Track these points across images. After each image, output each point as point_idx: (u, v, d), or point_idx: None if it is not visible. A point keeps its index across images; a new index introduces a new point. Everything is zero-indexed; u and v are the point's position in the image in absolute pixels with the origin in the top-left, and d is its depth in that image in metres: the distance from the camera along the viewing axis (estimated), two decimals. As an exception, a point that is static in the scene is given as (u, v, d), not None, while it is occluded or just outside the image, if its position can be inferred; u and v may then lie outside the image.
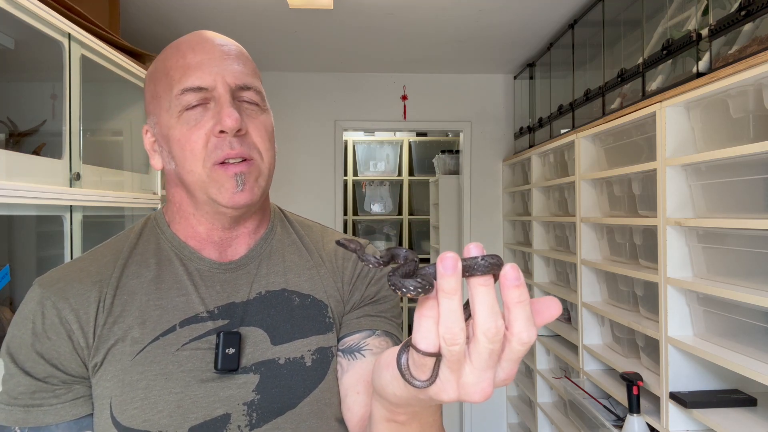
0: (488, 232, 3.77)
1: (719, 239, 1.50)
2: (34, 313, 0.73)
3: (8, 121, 1.64)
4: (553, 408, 2.83)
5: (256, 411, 0.74)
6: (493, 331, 0.42)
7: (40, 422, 0.71)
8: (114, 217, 2.02)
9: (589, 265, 2.25)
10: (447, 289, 0.42)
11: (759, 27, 1.34)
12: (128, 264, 0.78)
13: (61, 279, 0.76)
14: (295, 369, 0.77)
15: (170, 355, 0.74)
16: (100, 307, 0.74)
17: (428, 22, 2.77)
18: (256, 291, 0.80)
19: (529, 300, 0.43)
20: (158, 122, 0.78)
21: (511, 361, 0.44)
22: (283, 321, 0.79)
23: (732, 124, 1.45)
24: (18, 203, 1.30)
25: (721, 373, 1.61)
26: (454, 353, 0.43)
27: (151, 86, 0.79)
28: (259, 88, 0.78)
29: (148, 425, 0.71)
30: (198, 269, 0.79)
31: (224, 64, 0.75)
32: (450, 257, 0.41)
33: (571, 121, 2.58)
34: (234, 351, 0.74)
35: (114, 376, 0.72)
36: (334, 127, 3.73)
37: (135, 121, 2.12)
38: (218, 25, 2.81)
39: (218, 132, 0.73)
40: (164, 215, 0.84)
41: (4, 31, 1.48)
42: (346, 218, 5.01)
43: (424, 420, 0.60)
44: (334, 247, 0.87)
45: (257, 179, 0.76)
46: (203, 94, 0.74)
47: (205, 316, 0.76)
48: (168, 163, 0.78)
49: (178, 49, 0.77)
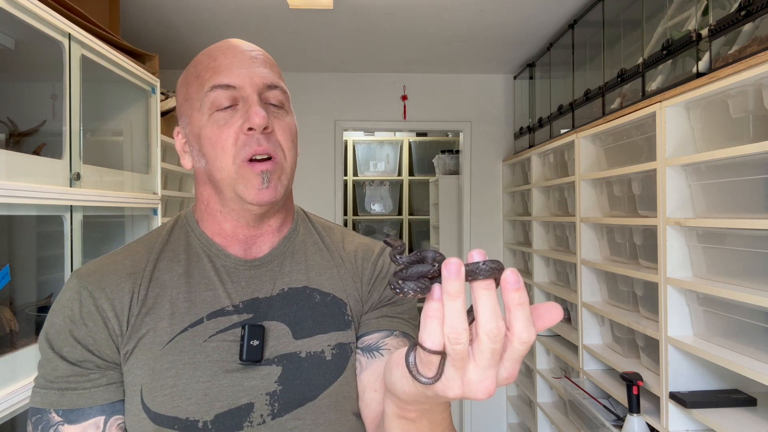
0: (488, 232, 3.77)
1: (719, 239, 1.50)
2: (71, 302, 0.77)
3: (8, 121, 1.64)
4: (553, 408, 2.83)
5: (278, 401, 0.78)
6: (495, 331, 0.45)
7: (74, 405, 0.74)
8: (114, 217, 2.02)
9: (589, 265, 2.25)
10: (451, 292, 0.45)
11: (759, 27, 1.34)
12: (160, 259, 0.83)
13: (97, 271, 0.80)
14: (315, 362, 0.81)
15: (198, 345, 0.77)
16: (134, 299, 0.78)
17: (428, 22, 2.77)
18: (279, 288, 0.84)
19: (529, 303, 0.46)
20: (190, 122, 0.82)
21: (513, 360, 0.47)
22: (304, 317, 0.83)
23: (732, 124, 1.45)
24: (18, 203, 1.31)
25: (721, 373, 1.61)
26: (458, 352, 0.46)
27: (184, 90, 0.84)
28: (285, 88, 0.84)
29: (176, 411, 0.75)
30: (224, 265, 0.83)
31: (252, 66, 0.80)
32: (454, 262, 0.45)
33: (571, 121, 2.58)
34: (258, 343, 0.78)
35: (145, 364, 0.76)
36: (334, 127, 3.73)
37: (135, 121, 2.12)
38: (218, 25, 2.81)
39: (246, 129, 0.77)
40: (194, 213, 0.88)
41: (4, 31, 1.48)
42: (346, 218, 5.02)
43: (434, 418, 0.62)
44: (353, 249, 0.91)
45: (280, 177, 0.80)
46: (232, 93, 0.78)
47: (231, 309, 0.80)
48: (198, 161, 0.83)
49: (209, 54, 0.82)
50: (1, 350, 1.34)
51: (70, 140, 1.55)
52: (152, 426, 0.74)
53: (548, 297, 2.97)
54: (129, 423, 0.77)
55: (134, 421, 0.76)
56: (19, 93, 1.79)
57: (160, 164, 2.20)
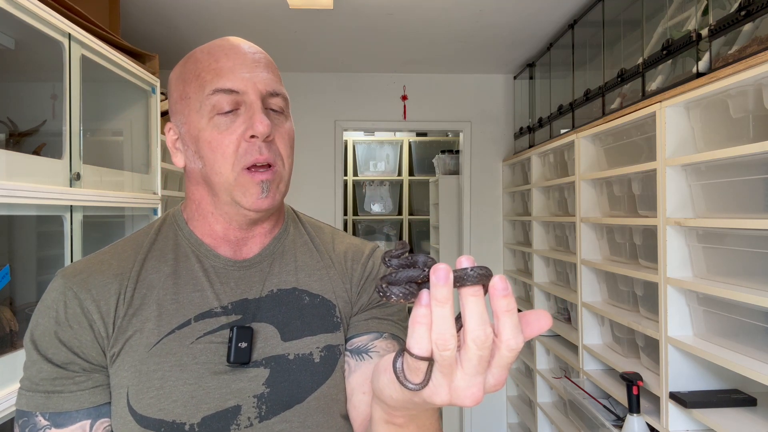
0: (488, 232, 3.77)
1: (719, 239, 1.50)
2: (56, 303, 0.76)
3: (8, 121, 1.64)
4: (553, 408, 2.83)
5: (265, 404, 0.77)
6: (482, 338, 0.45)
7: (60, 408, 0.73)
8: (114, 217, 2.02)
9: (589, 265, 2.25)
10: (439, 298, 0.45)
11: (759, 27, 1.34)
12: (148, 258, 0.81)
13: (83, 271, 0.79)
14: (303, 364, 0.80)
15: (185, 347, 0.77)
16: (120, 299, 0.77)
17: (428, 22, 2.77)
18: (268, 289, 0.83)
19: (517, 310, 0.46)
20: (186, 122, 0.81)
21: (501, 367, 0.47)
22: (293, 318, 0.82)
23: (732, 124, 1.45)
24: (18, 203, 1.31)
25: (721, 373, 1.61)
26: (445, 358, 0.46)
27: (180, 86, 0.82)
28: (286, 95, 0.83)
29: (162, 414, 0.74)
30: (213, 266, 0.82)
31: (255, 71, 0.79)
32: (442, 268, 0.45)
33: (571, 121, 2.58)
34: (246, 345, 0.77)
35: (131, 366, 0.75)
36: (334, 127, 3.73)
37: (135, 121, 2.12)
38: (218, 25, 2.81)
39: (249, 137, 0.77)
40: (182, 212, 0.86)
41: (4, 31, 1.48)
42: (346, 218, 5.01)
43: (421, 423, 0.62)
44: (343, 250, 0.90)
45: (279, 185, 0.80)
46: (234, 97, 0.77)
47: (219, 311, 0.79)
48: (193, 162, 0.81)
49: (210, 54, 0.80)
50: (1, 350, 1.34)
51: (70, 140, 1.55)
52: (138, 428, 0.74)
53: (548, 297, 2.97)
54: (115, 425, 0.76)
55: (120, 423, 0.75)
56: (19, 93, 1.78)
57: (160, 164, 2.20)
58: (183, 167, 0.84)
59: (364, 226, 5.27)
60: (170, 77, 0.85)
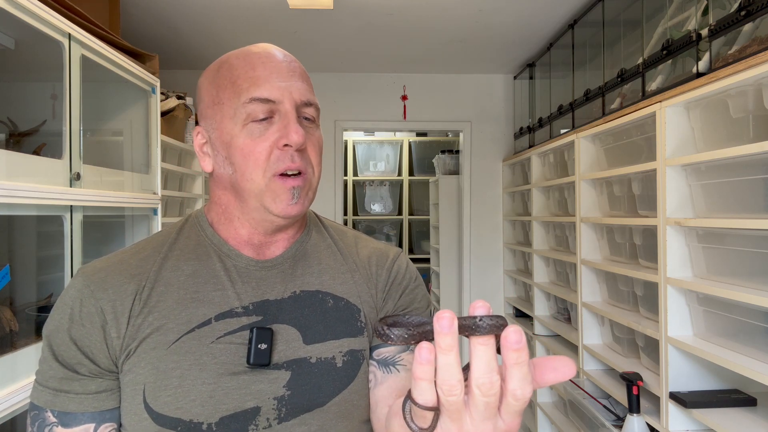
0: (488, 232, 3.77)
1: (719, 239, 1.50)
2: (73, 300, 0.77)
3: (8, 121, 1.64)
4: (553, 408, 2.83)
5: (285, 406, 0.77)
6: (488, 385, 0.44)
7: (65, 408, 0.74)
8: (114, 217, 2.02)
9: (589, 265, 2.25)
10: (444, 346, 0.44)
11: (759, 27, 1.35)
12: (168, 258, 0.82)
13: (102, 269, 0.79)
14: (325, 369, 0.80)
15: (205, 347, 0.76)
16: (136, 299, 0.77)
17: (428, 22, 2.77)
18: (291, 290, 0.83)
19: (528, 361, 0.45)
20: (218, 128, 0.80)
21: (510, 414, 0.46)
22: (316, 321, 0.82)
23: (732, 124, 1.45)
24: (18, 203, 1.30)
25: (721, 373, 1.61)
26: (452, 403, 0.45)
27: (212, 91, 0.81)
28: (318, 105, 0.83)
29: (180, 413, 0.74)
30: (235, 265, 0.82)
31: (291, 80, 0.80)
32: (446, 317, 0.44)
33: (571, 121, 2.58)
34: (266, 347, 0.77)
35: (149, 363, 0.75)
36: (334, 127, 3.73)
37: (135, 121, 2.12)
38: (218, 25, 2.81)
39: (282, 145, 0.77)
40: (206, 215, 0.86)
41: (4, 31, 1.48)
42: (346, 218, 5.02)
43: None
44: (367, 254, 0.90)
45: (308, 192, 0.81)
46: (270, 107, 0.78)
47: (240, 311, 0.79)
48: (222, 167, 0.81)
49: (246, 61, 0.80)
50: (1, 350, 1.34)
51: (70, 140, 1.55)
52: (154, 427, 0.74)
53: (548, 297, 2.97)
54: (129, 424, 0.75)
55: (135, 421, 0.75)
56: (19, 93, 1.78)
57: (160, 164, 2.20)
58: (210, 172, 0.84)
59: (364, 226, 5.27)
60: (200, 81, 0.85)
